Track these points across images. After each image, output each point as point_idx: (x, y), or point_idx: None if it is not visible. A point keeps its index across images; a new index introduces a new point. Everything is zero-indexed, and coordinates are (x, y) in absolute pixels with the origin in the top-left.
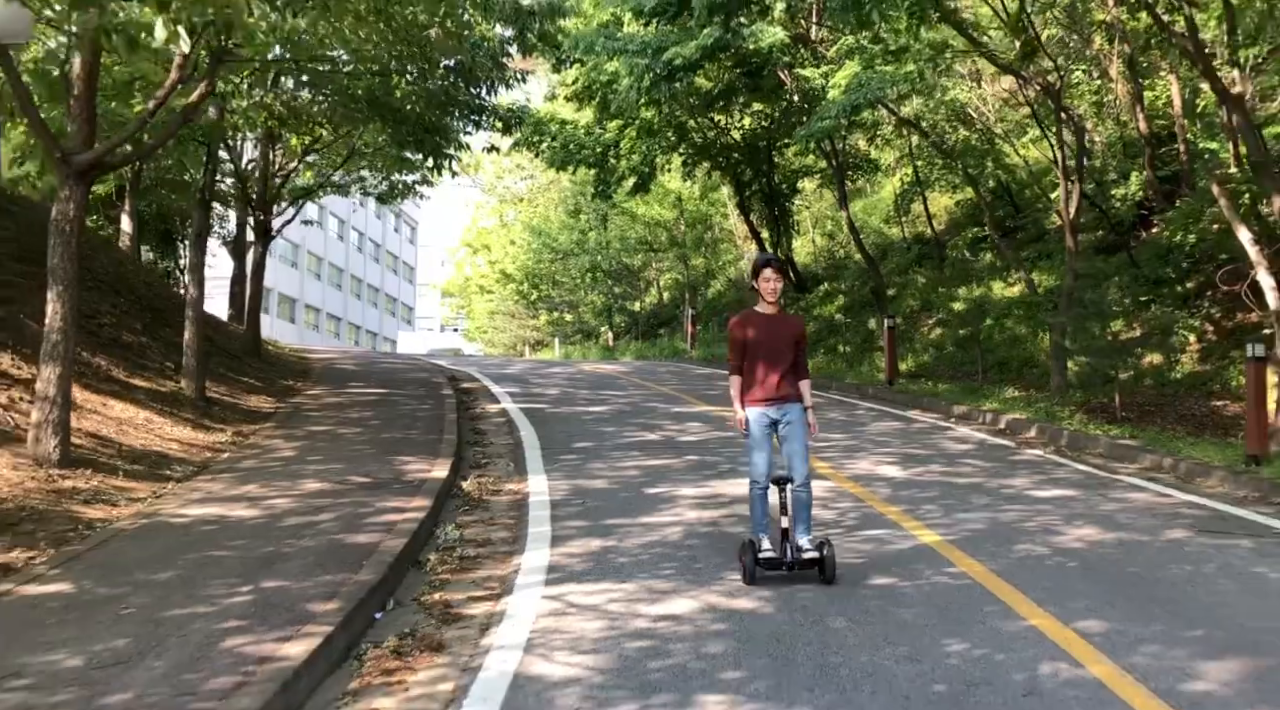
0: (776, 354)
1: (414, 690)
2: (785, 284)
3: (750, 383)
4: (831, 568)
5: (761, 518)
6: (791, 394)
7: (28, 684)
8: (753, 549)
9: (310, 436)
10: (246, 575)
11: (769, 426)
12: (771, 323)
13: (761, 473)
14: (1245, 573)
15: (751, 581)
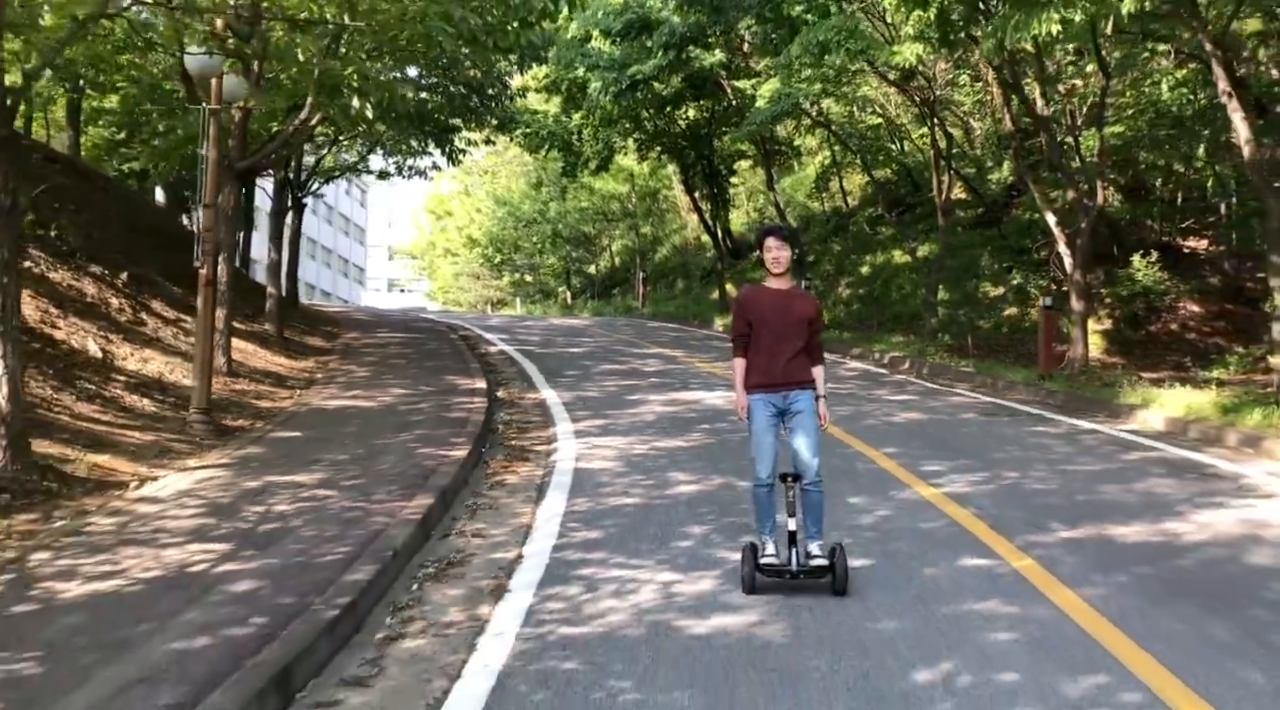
0: (785, 335)
1: (521, 474)
2: (792, 252)
3: (754, 366)
4: (844, 577)
5: (765, 519)
6: (801, 380)
7: (326, 465)
8: (754, 554)
9: (372, 364)
10: (399, 429)
11: (774, 416)
12: (781, 300)
13: (764, 468)
14: (997, 433)
15: (750, 591)
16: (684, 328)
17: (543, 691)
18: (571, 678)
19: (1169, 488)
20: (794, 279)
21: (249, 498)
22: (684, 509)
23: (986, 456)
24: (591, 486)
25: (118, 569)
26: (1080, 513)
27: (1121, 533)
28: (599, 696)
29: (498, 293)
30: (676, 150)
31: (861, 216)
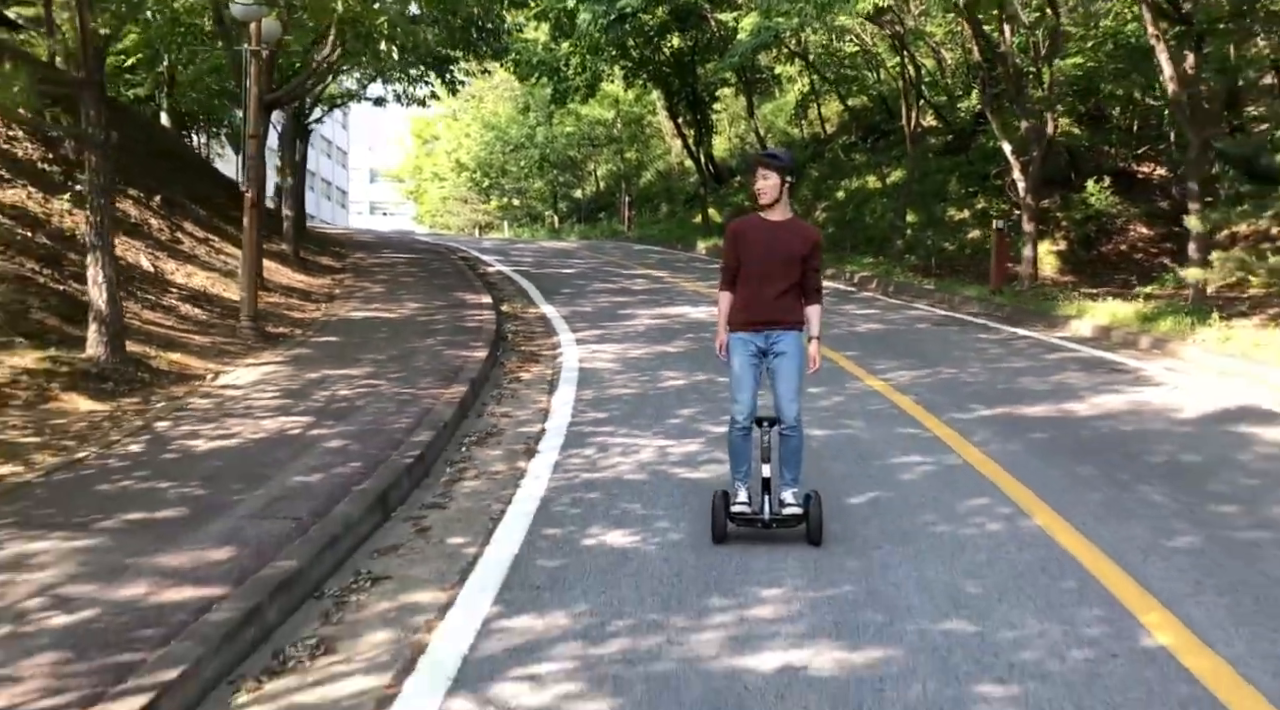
0: (773, 269)
1: (534, 372)
2: (783, 181)
3: (738, 302)
4: (818, 527)
5: (740, 465)
6: (786, 319)
7: (368, 362)
8: (725, 502)
9: (385, 282)
10: (424, 335)
11: (755, 356)
12: (773, 231)
13: (742, 411)
14: (944, 339)
15: (720, 541)
16: (669, 250)
17: (575, 509)
18: (594, 502)
19: (1077, 379)
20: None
21: (313, 385)
22: (674, 397)
23: (931, 357)
24: (595, 381)
25: (230, 433)
26: (998, 398)
27: (1027, 411)
28: (615, 512)
29: (486, 216)
30: (661, 78)
31: (837, 144)
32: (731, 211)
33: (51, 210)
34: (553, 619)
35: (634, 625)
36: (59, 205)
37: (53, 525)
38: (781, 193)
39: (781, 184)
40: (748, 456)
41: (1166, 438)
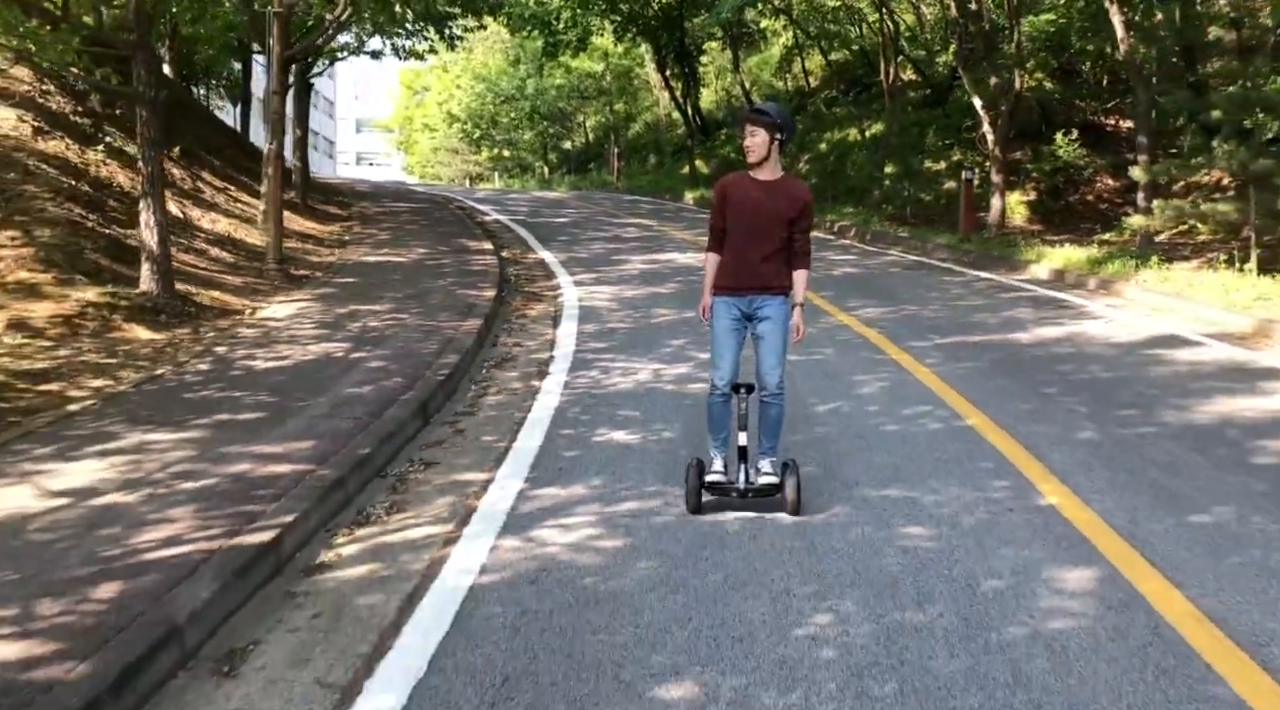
0: (759, 231)
1: (538, 310)
2: (773, 138)
3: (723, 264)
4: (796, 497)
5: (719, 432)
6: (772, 284)
7: (389, 300)
8: (699, 470)
9: (391, 229)
10: (435, 277)
11: (738, 320)
12: (760, 191)
13: (722, 376)
14: (912, 281)
15: (696, 511)
16: (657, 201)
17: (585, 416)
18: (600, 411)
19: (1025, 314)
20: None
21: (345, 318)
22: (665, 330)
23: (898, 297)
24: (595, 316)
25: (283, 355)
26: (953, 329)
27: (976, 339)
28: (619, 418)
29: (477, 167)
30: (650, 32)
31: (820, 97)
32: (719, 163)
33: (88, 160)
34: (573, 490)
35: (638, 493)
36: (93, 156)
37: (157, 423)
38: (770, 150)
39: (770, 141)
40: (726, 424)
41: (1092, 360)
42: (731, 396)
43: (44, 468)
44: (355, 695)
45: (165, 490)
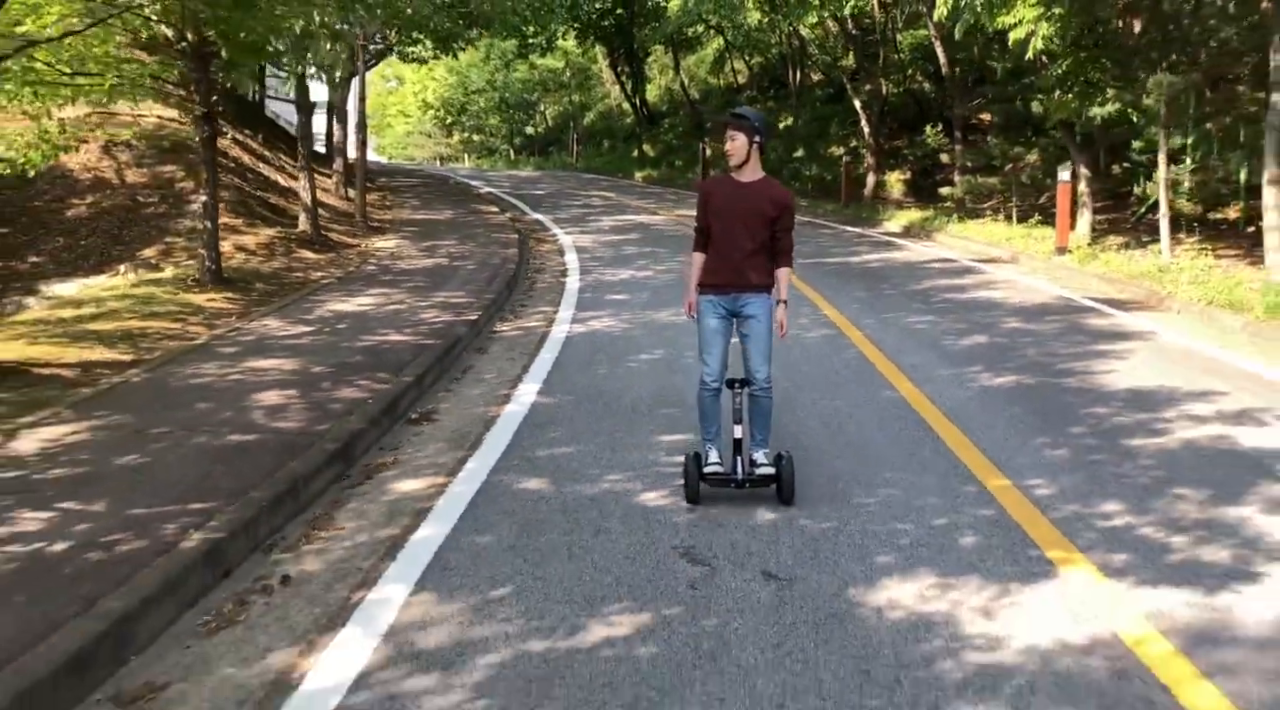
0: (741, 231)
1: (546, 248)
2: (751, 141)
3: (708, 263)
4: (790, 486)
5: (710, 425)
6: (756, 282)
7: (451, 241)
8: (698, 463)
9: (418, 198)
10: (473, 228)
11: (723, 318)
12: (741, 192)
13: (711, 373)
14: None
15: (694, 501)
16: (612, 178)
17: (594, 292)
18: (602, 290)
19: (864, 249)
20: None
21: (430, 248)
22: (634, 257)
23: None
24: (586, 251)
25: (411, 263)
26: (816, 257)
27: (828, 261)
28: (612, 294)
29: (448, 149)
30: (605, 37)
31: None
32: (663, 147)
33: (224, 145)
34: (596, 312)
35: (631, 315)
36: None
37: (375, 287)
38: (750, 153)
39: (750, 144)
40: (717, 418)
41: (893, 271)
42: (721, 391)
43: (340, 301)
44: (534, 359)
45: (413, 305)
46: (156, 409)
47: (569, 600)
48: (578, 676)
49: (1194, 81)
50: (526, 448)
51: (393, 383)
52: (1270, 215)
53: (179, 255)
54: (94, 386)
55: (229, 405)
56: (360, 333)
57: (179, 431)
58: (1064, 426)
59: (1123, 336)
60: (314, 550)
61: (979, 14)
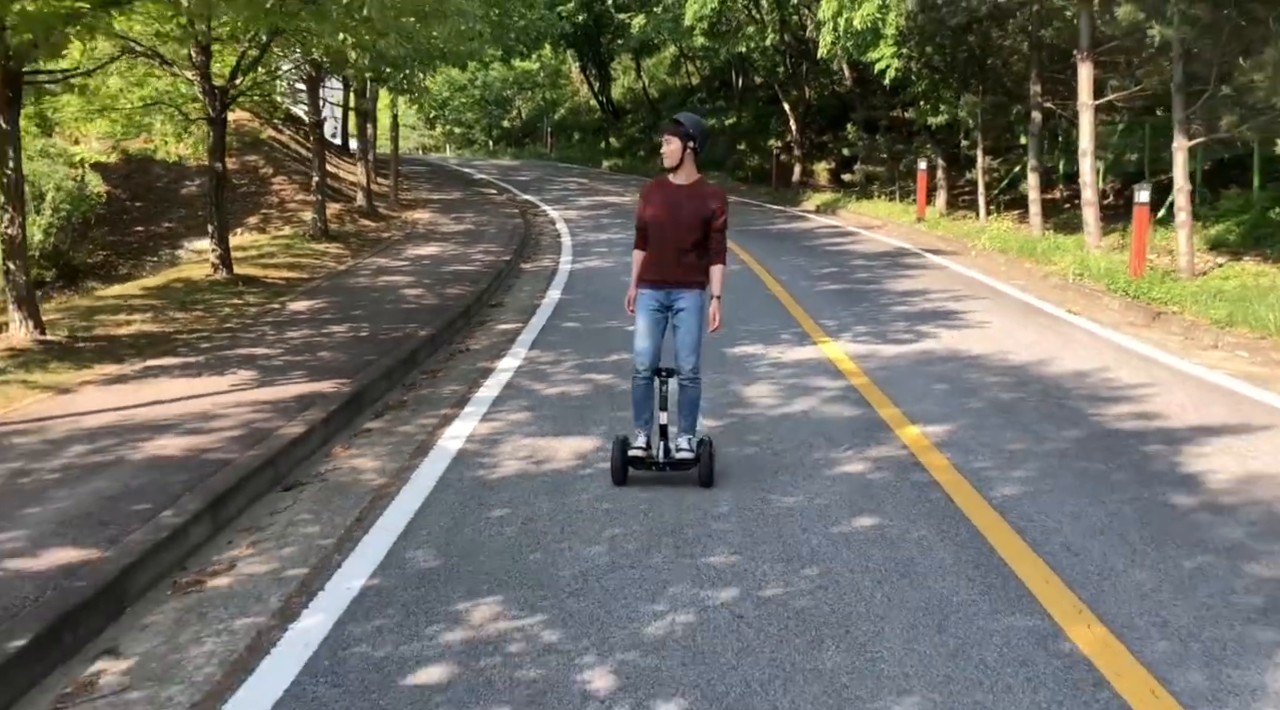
0: (675, 231)
1: (542, 220)
2: (685, 146)
3: (646, 260)
4: (708, 471)
5: (641, 412)
6: (688, 279)
7: (469, 216)
8: (624, 447)
9: (427, 182)
10: (482, 204)
11: (658, 311)
12: (677, 194)
13: (643, 361)
14: (736, 210)
15: (620, 483)
16: (584, 167)
17: (582, 247)
18: (588, 247)
19: (782, 220)
20: (700, 172)
21: (457, 218)
22: (607, 224)
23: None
24: (571, 221)
25: (449, 229)
26: (744, 225)
27: (753, 229)
28: (594, 249)
29: (430, 140)
30: (576, 44)
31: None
32: (627, 140)
33: (282, 138)
34: (586, 257)
35: (610, 258)
36: (275, 134)
37: (429, 242)
38: (684, 157)
39: (683, 149)
40: (648, 405)
41: (796, 234)
42: (652, 380)
43: (415, 249)
44: (552, 281)
45: (464, 252)
46: (348, 295)
47: (592, 353)
48: (596, 369)
49: (989, 102)
50: (560, 314)
51: (475, 287)
52: (1031, 192)
53: (276, 222)
54: (301, 286)
55: (389, 295)
56: (440, 265)
57: (371, 303)
58: (856, 304)
59: (925, 268)
60: (476, 344)
61: (850, 51)
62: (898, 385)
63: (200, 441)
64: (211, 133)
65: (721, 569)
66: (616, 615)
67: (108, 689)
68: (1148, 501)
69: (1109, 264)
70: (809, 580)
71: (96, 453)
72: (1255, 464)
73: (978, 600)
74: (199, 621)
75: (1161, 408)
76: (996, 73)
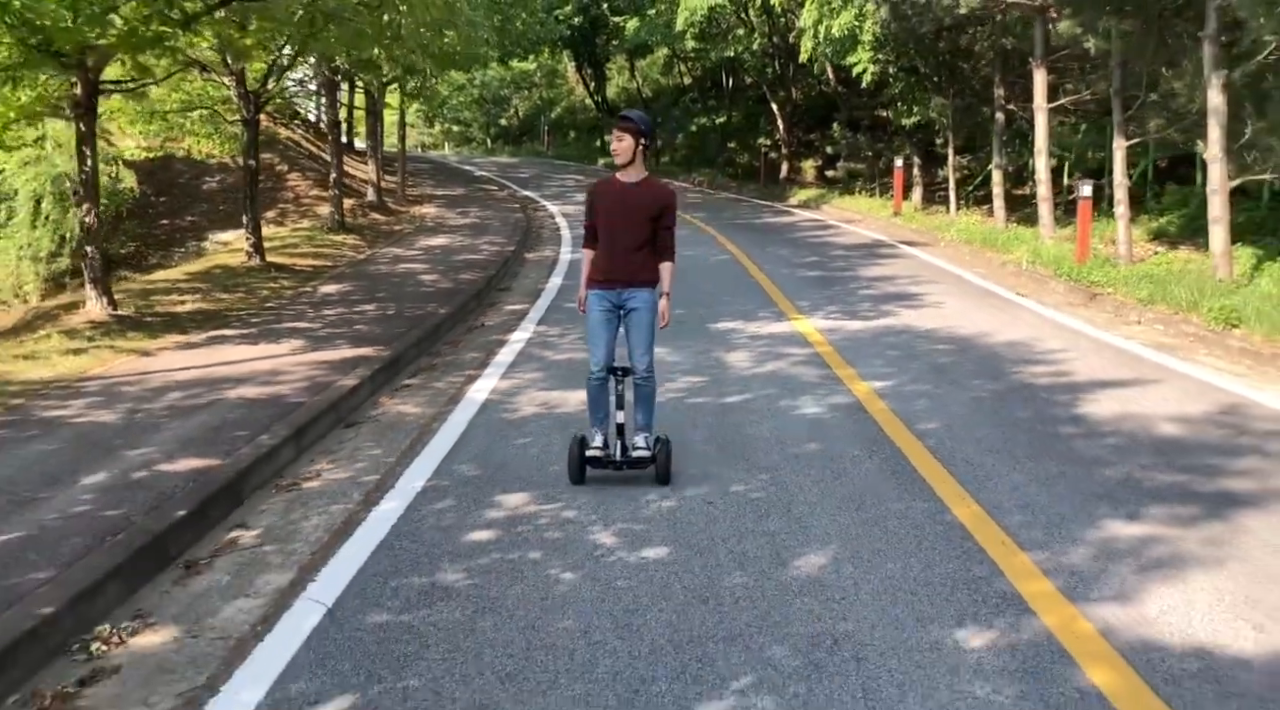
0: (625, 229)
1: (541, 214)
2: (637, 143)
3: (596, 260)
4: (665, 469)
5: (597, 412)
6: (639, 278)
7: (475, 210)
8: (581, 446)
9: (432, 179)
10: (486, 199)
11: (610, 311)
12: (626, 193)
13: (597, 361)
14: (727, 205)
15: (578, 482)
16: (579, 165)
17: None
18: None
19: (769, 215)
20: (648, 170)
21: (463, 213)
22: None
23: (716, 211)
24: (569, 216)
25: (456, 222)
26: (731, 220)
27: (740, 222)
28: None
29: (429, 138)
30: (572, 46)
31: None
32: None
33: (295, 137)
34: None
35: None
36: (290, 134)
37: (437, 234)
38: (635, 154)
39: (635, 146)
40: (604, 404)
41: (780, 227)
42: (608, 379)
43: (426, 240)
44: (554, 268)
45: (472, 243)
46: (371, 280)
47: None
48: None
49: (958, 104)
50: (563, 296)
51: (484, 273)
52: (995, 188)
53: (293, 216)
54: (327, 273)
55: (408, 280)
56: (451, 255)
57: (393, 287)
58: (829, 288)
59: (896, 257)
60: (489, 320)
61: (829, 56)
62: (856, 352)
63: (273, 390)
64: (245, 133)
65: (697, 476)
66: (616, 503)
67: (246, 546)
68: (1039, 432)
69: (1058, 252)
70: (764, 482)
71: (192, 398)
72: (1134, 407)
73: (889, 492)
74: (303, 507)
75: (1075, 368)
76: (966, 76)
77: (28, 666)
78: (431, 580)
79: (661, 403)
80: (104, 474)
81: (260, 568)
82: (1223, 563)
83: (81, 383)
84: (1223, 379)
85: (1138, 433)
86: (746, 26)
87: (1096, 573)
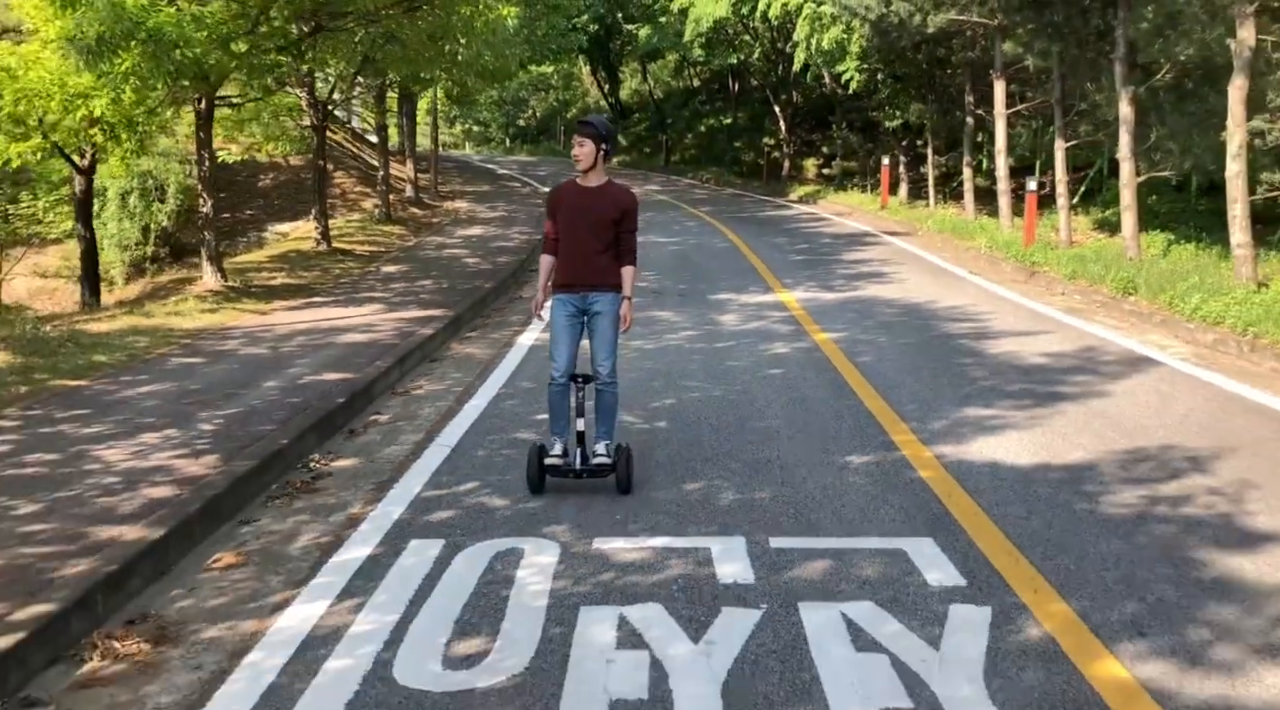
0: (586, 233)
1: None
2: (599, 148)
3: (559, 265)
4: (627, 477)
5: (559, 419)
6: (603, 282)
7: (500, 205)
8: (540, 455)
9: (459, 177)
10: (510, 195)
11: (572, 316)
12: (586, 196)
13: (559, 367)
14: (732, 200)
15: (536, 492)
16: None
17: None
18: None
19: (770, 209)
20: (607, 174)
21: (489, 207)
22: None
23: (720, 206)
24: None
25: (486, 215)
26: (733, 212)
27: (740, 215)
28: None
29: (450, 138)
30: (588, 51)
31: (696, 99)
32: (633, 138)
33: (339, 140)
34: None
35: None
36: (337, 138)
37: (472, 225)
38: (596, 159)
39: (596, 151)
40: (565, 411)
41: (779, 219)
42: (569, 386)
43: (463, 230)
44: None
45: (503, 232)
46: (423, 262)
47: None
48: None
49: (936, 108)
50: None
51: (517, 257)
52: (966, 183)
53: (341, 210)
54: (385, 256)
55: (455, 263)
56: (486, 242)
57: (442, 267)
58: (812, 269)
59: (876, 244)
60: (525, 294)
61: (819, 66)
62: (823, 315)
63: (372, 336)
64: (314, 137)
65: (692, 388)
66: (633, 402)
67: (384, 423)
68: (947, 363)
69: (1012, 238)
70: (737, 391)
71: (314, 340)
72: (1022, 348)
73: (826, 396)
74: (416, 404)
75: (993, 324)
76: (943, 84)
77: (278, 472)
78: (511, 436)
79: (664, 347)
80: (276, 382)
81: (399, 432)
82: (1033, 428)
83: (225, 330)
84: (1102, 330)
85: (1014, 362)
86: (751, 34)
87: (947, 431)
